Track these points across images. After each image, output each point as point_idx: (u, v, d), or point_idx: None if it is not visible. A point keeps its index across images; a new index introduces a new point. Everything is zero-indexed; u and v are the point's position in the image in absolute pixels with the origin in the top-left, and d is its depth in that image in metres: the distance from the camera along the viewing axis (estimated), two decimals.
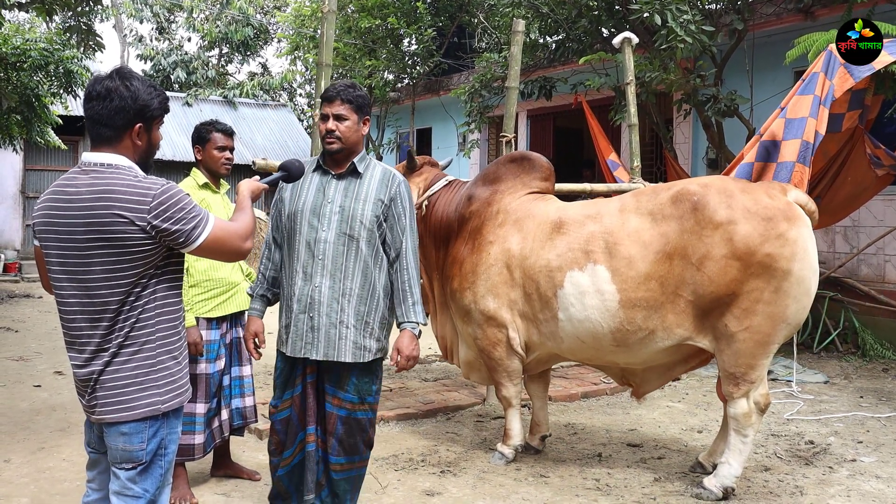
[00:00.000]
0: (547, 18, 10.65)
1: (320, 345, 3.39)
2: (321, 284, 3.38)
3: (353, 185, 3.46)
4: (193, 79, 24.69)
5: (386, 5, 13.90)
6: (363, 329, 3.44)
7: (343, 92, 3.42)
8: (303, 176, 3.28)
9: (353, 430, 3.48)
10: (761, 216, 4.17)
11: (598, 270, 4.42)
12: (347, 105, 3.42)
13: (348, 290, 3.40)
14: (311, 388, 3.49)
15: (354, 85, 3.49)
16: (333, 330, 3.38)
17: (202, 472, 4.70)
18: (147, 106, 2.59)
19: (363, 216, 3.41)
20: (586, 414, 6.23)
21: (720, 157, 9.66)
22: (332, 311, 3.38)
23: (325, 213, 3.41)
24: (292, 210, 3.46)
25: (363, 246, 3.41)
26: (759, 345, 4.21)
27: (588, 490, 4.52)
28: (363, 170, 3.49)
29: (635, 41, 7.44)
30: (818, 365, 8.13)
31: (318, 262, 3.38)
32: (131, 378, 2.54)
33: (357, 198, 3.44)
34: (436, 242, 5.12)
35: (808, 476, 4.78)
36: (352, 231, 3.40)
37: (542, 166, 5.04)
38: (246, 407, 4.40)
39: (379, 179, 3.50)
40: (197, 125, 4.39)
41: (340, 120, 3.42)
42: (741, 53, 9.44)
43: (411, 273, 3.54)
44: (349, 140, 3.44)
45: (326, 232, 3.39)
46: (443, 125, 15.87)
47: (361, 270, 3.42)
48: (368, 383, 3.50)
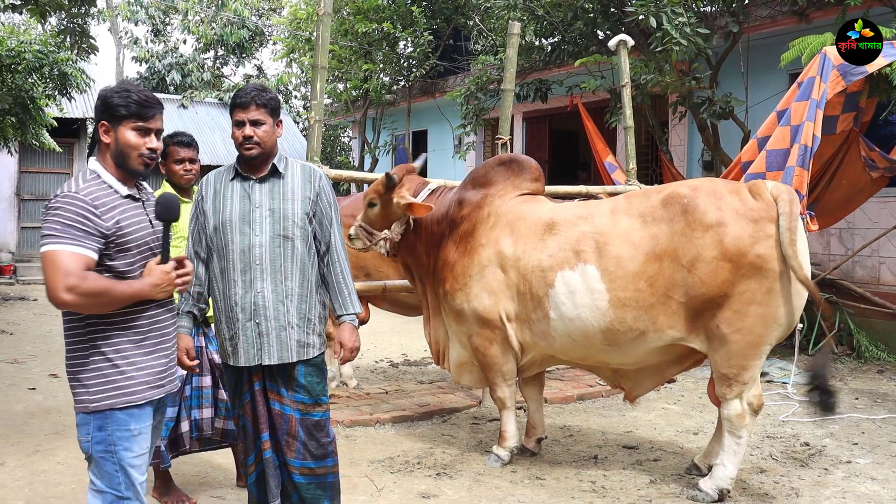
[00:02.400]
0: (542, 21, 10.67)
1: (272, 349, 3.36)
2: (263, 289, 3.35)
3: (278, 185, 3.43)
4: (189, 81, 24.65)
5: (382, 8, 13.91)
6: (306, 326, 3.42)
7: (257, 97, 3.38)
8: (177, 207, 2.85)
9: (314, 433, 3.44)
10: (750, 217, 4.19)
11: (589, 270, 4.44)
12: (262, 109, 3.38)
13: (290, 290, 3.38)
14: (260, 395, 3.44)
15: (266, 88, 3.46)
16: (283, 332, 3.36)
17: (197, 476, 4.69)
18: (109, 101, 2.68)
19: (294, 215, 3.40)
20: (582, 416, 6.23)
21: (716, 159, 9.69)
22: (280, 314, 3.36)
23: (255, 219, 3.37)
24: (219, 221, 3.40)
25: (298, 244, 3.40)
26: (752, 346, 4.22)
27: (584, 492, 4.52)
28: (283, 169, 3.46)
29: (631, 43, 7.45)
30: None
31: (256, 267, 3.35)
32: (70, 373, 2.71)
33: (284, 198, 3.41)
34: (428, 248, 5.12)
35: (804, 478, 4.79)
36: (285, 231, 3.38)
37: (532, 168, 5.06)
38: (203, 419, 4.26)
39: (301, 177, 3.48)
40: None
41: (257, 125, 3.37)
42: (736, 56, 9.46)
43: (343, 265, 3.54)
44: (267, 144, 3.40)
45: (260, 236, 3.36)
46: (439, 127, 15.88)
47: (299, 269, 3.41)
48: (319, 383, 3.48)
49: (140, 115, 2.70)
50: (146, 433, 2.74)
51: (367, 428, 5.71)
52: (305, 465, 3.44)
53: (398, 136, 16.91)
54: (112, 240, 2.63)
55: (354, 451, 5.16)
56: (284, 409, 3.42)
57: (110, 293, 2.58)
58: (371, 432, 5.64)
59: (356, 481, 4.60)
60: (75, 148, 17.77)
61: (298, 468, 3.43)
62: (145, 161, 2.74)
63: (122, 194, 2.74)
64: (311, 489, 3.46)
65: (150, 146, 2.74)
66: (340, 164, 17.75)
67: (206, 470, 4.81)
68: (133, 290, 2.63)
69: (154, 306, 2.75)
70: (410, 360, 8.58)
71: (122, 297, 2.62)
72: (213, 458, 4.93)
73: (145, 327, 2.73)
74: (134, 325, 2.70)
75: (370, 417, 5.85)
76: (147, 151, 2.73)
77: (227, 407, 4.28)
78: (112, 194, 2.71)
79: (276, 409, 3.43)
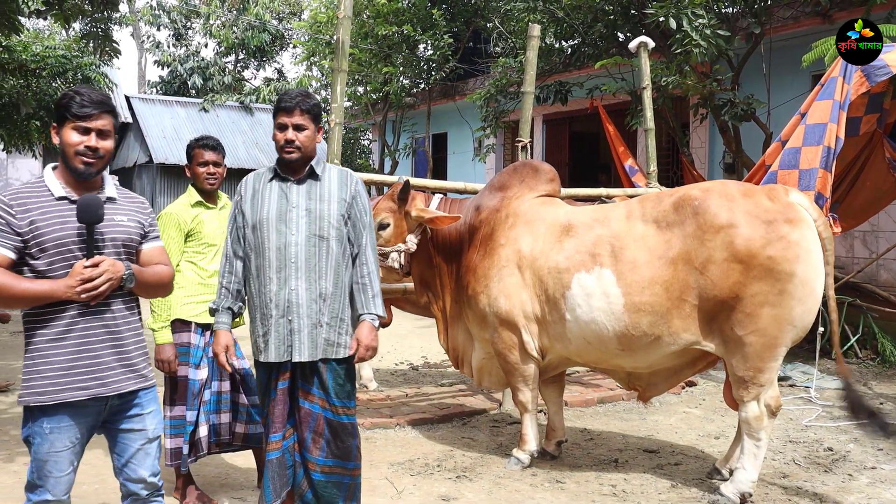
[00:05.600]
0: (562, 23, 10.65)
1: (303, 346, 3.41)
2: (297, 287, 3.41)
3: (315, 187, 3.50)
4: (210, 84, 24.86)
5: (401, 11, 13.94)
6: (337, 326, 3.48)
7: (302, 102, 3.46)
8: (96, 209, 2.74)
9: (339, 433, 3.48)
10: (762, 219, 4.18)
11: (604, 273, 4.44)
12: (306, 115, 3.47)
13: (324, 289, 3.44)
14: (284, 394, 3.48)
15: (310, 94, 3.53)
16: (315, 330, 3.42)
17: (218, 477, 4.72)
18: (58, 104, 2.77)
19: (330, 216, 3.47)
20: (602, 419, 6.21)
21: (737, 161, 9.62)
22: (312, 312, 3.42)
23: (291, 218, 3.44)
24: (257, 220, 3.47)
25: (333, 245, 3.46)
26: (767, 348, 4.20)
27: (604, 496, 4.50)
28: (321, 172, 3.54)
29: (651, 45, 7.42)
30: (837, 371, 8.05)
31: (292, 265, 3.42)
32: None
33: (321, 199, 3.48)
34: (446, 257, 5.14)
35: (828, 483, 4.74)
36: (321, 232, 3.44)
37: (546, 170, 5.11)
38: (221, 423, 4.27)
39: (337, 180, 3.56)
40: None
41: (300, 130, 3.46)
42: (758, 57, 9.39)
43: (371, 267, 3.58)
44: (308, 149, 3.49)
45: (296, 235, 3.43)
46: (458, 130, 15.89)
47: (333, 269, 3.47)
48: (349, 386, 3.53)
49: (79, 115, 2.72)
50: (62, 433, 2.72)
51: (387, 430, 5.72)
52: (326, 463, 3.47)
53: (418, 139, 16.94)
54: (28, 239, 2.66)
55: (374, 454, 5.16)
56: (314, 408, 3.47)
57: (10, 290, 2.60)
58: (391, 434, 5.65)
59: (376, 483, 4.61)
60: None
61: (320, 466, 3.47)
62: (84, 160, 2.73)
63: (56, 196, 2.74)
64: (329, 488, 3.48)
65: (87, 144, 2.73)
66: (360, 166, 17.82)
67: (228, 471, 4.84)
68: (43, 289, 2.64)
69: (76, 307, 2.70)
70: (430, 362, 8.59)
71: (27, 295, 2.63)
72: (234, 459, 4.96)
73: (63, 327, 2.70)
74: (51, 325, 2.69)
75: (390, 420, 5.86)
76: (84, 149, 2.72)
77: (247, 411, 4.30)
78: (42, 195, 2.73)
79: (305, 408, 3.47)
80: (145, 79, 28.58)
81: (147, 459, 2.88)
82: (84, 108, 2.72)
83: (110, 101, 2.84)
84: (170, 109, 21.10)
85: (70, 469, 2.76)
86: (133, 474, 2.86)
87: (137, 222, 2.90)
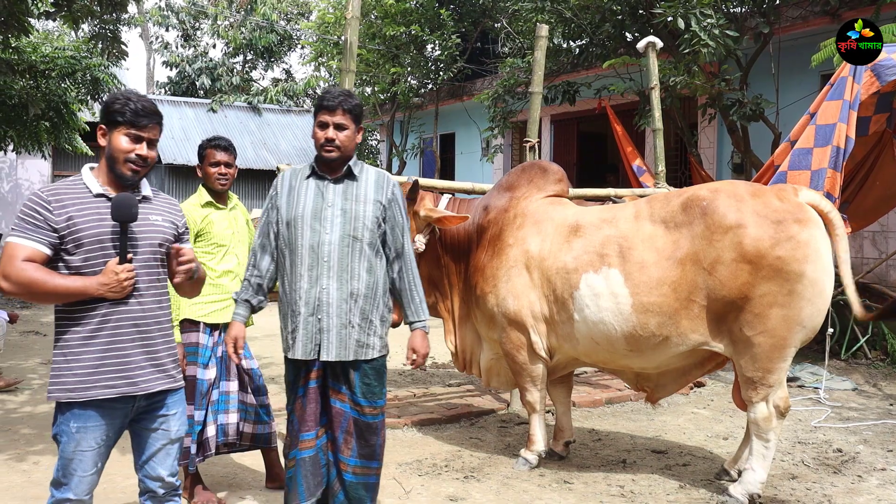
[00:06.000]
0: (570, 23, 10.63)
1: (332, 346, 3.42)
2: (329, 286, 3.42)
3: (351, 187, 3.51)
4: (218, 85, 24.91)
5: (409, 12, 13.94)
6: (367, 328, 3.48)
7: (344, 102, 3.46)
8: (130, 207, 2.74)
9: (365, 433, 3.49)
10: (771, 219, 4.16)
11: (612, 274, 4.44)
12: (348, 115, 3.48)
13: (355, 290, 3.44)
14: (314, 392, 3.49)
15: (352, 94, 3.53)
16: (344, 331, 3.43)
17: (226, 477, 4.73)
18: (109, 107, 2.81)
19: (365, 217, 3.47)
20: (610, 420, 6.20)
21: (746, 161, 9.60)
22: (342, 312, 3.42)
23: (326, 217, 3.45)
24: (292, 216, 3.48)
25: (366, 246, 3.47)
26: (776, 348, 4.18)
27: (612, 497, 4.49)
28: (358, 173, 3.54)
29: (659, 45, 7.40)
30: (846, 372, 8.03)
31: (324, 264, 3.42)
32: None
33: (357, 199, 3.49)
34: (455, 257, 5.15)
35: (837, 485, 4.72)
36: (355, 232, 3.45)
37: (555, 171, 5.12)
38: (229, 423, 4.28)
39: (374, 181, 3.56)
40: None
41: (340, 129, 3.47)
42: (767, 57, 9.36)
43: (413, 272, 3.61)
44: (347, 149, 3.49)
45: (330, 234, 3.43)
46: (466, 130, 15.88)
47: (366, 270, 3.47)
48: (376, 385, 3.53)
49: (134, 122, 2.76)
50: (88, 433, 2.74)
51: (395, 430, 5.72)
52: (357, 464, 3.50)
53: (426, 139, 16.95)
54: (64, 234, 2.69)
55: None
56: (344, 407, 3.48)
57: (43, 285, 2.64)
58: (399, 435, 5.65)
59: (384, 483, 4.60)
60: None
61: (351, 467, 3.49)
62: (132, 167, 2.79)
63: (94, 193, 2.78)
64: (359, 489, 3.51)
65: (139, 153, 2.78)
66: None
67: (235, 471, 4.85)
68: (76, 286, 2.67)
69: (106, 305, 2.72)
70: (438, 363, 8.59)
71: (59, 291, 2.67)
72: (242, 459, 4.97)
73: (94, 325, 2.73)
74: (82, 322, 2.73)
75: (398, 420, 5.86)
76: (134, 157, 2.78)
77: (255, 411, 4.31)
78: (80, 192, 2.77)
79: (336, 407, 3.49)
80: (154, 79, 28.66)
81: (167, 459, 2.91)
82: (140, 117, 2.78)
83: (159, 110, 2.91)
84: (178, 110, 21.15)
85: (94, 470, 2.79)
86: (152, 472, 2.89)
87: (171, 223, 2.95)
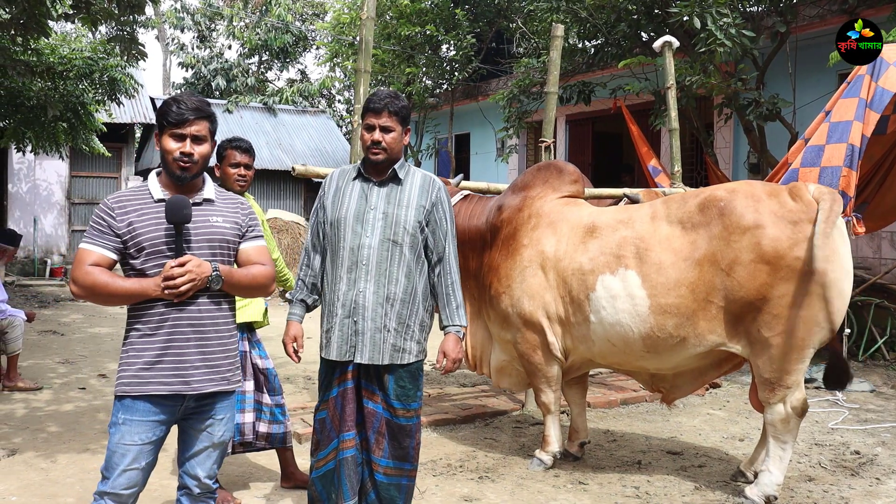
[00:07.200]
0: (586, 23, 10.61)
1: (366, 349, 3.42)
2: (366, 289, 3.42)
3: (395, 191, 3.50)
4: (234, 86, 25.02)
5: (424, 12, 13.96)
6: (404, 332, 3.48)
7: (390, 104, 3.45)
8: (182, 209, 2.79)
9: (398, 435, 3.49)
10: (788, 219, 4.14)
11: (629, 275, 4.42)
12: (394, 117, 3.46)
13: (392, 294, 3.43)
14: (351, 393, 3.50)
15: (398, 96, 3.52)
16: (378, 334, 3.42)
17: (242, 476, 4.75)
18: (159, 112, 2.88)
19: (406, 222, 3.45)
20: (625, 421, 6.18)
21: (762, 161, 9.54)
22: (378, 316, 3.42)
23: (368, 220, 3.45)
24: (335, 217, 3.50)
25: (406, 251, 3.45)
26: (794, 349, 4.16)
27: (627, 498, 4.48)
28: (403, 176, 3.53)
29: (675, 45, 7.37)
30: (864, 373, 7.96)
31: (363, 267, 3.42)
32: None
33: (400, 204, 3.48)
34: (468, 254, 5.14)
35: (854, 487, 4.69)
36: (395, 237, 3.44)
37: (570, 171, 5.09)
38: (245, 423, 4.29)
39: (420, 185, 3.54)
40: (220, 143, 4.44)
41: (387, 131, 3.45)
42: (783, 56, 9.31)
43: (454, 277, 3.58)
44: (394, 151, 3.48)
45: (370, 238, 3.43)
46: (481, 130, 15.88)
47: (405, 275, 3.46)
48: (411, 389, 3.52)
49: (174, 121, 2.81)
50: (132, 427, 2.79)
51: None
52: (389, 464, 3.49)
53: (441, 140, 16.96)
54: (126, 239, 2.80)
55: None
56: (377, 408, 3.48)
57: (108, 288, 2.74)
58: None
59: None
60: (123, 152, 18.14)
61: (383, 468, 3.49)
62: (180, 165, 2.83)
63: (155, 198, 2.85)
64: (391, 490, 3.50)
65: (182, 150, 2.82)
66: None
67: (251, 471, 4.87)
68: (136, 288, 2.76)
69: (165, 305, 2.79)
70: None
71: (122, 293, 2.76)
72: (257, 458, 4.99)
73: (153, 324, 2.79)
74: (144, 321, 2.81)
75: None
76: (179, 155, 2.81)
77: (271, 411, 4.32)
78: (143, 198, 2.86)
79: (369, 408, 3.49)
80: (170, 80, 28.82)
81: (207, 461, 2.96)
82: (179, 115, 2.81)
83: (207, 106, 2.92)
84: None
85: (135, 465, 2.82)
86: (191, 470, 2.94)
87: (234, 223, 2.96)
